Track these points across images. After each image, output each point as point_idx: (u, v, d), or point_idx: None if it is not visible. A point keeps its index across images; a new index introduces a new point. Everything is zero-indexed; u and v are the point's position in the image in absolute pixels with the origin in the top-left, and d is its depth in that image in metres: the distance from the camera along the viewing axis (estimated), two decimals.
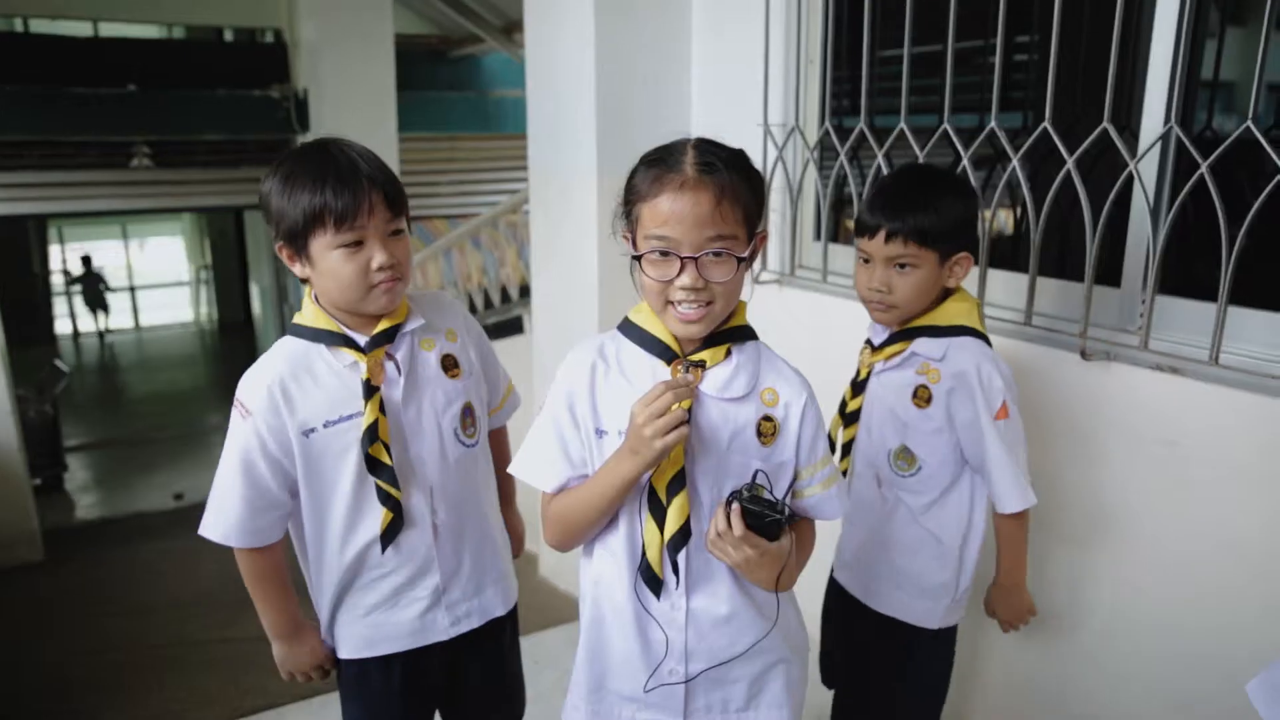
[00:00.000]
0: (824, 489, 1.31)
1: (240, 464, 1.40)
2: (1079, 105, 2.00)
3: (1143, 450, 1.78)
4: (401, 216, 1.38)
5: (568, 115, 2.87)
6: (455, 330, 1.53)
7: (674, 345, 1.24)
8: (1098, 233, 1.82)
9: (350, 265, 1.33)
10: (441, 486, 1.47)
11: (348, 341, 1.40)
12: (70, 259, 15.63)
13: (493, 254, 5.65)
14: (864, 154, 2.44)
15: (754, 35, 2.55)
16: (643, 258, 1.19)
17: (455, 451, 1.48)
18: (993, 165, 2.30)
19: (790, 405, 1.27)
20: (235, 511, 1.41)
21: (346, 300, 1.37)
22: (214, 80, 8.61)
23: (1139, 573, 1.82)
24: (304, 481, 1.42)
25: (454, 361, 1.50)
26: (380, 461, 1.39)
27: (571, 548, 1.34)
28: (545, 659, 2.69)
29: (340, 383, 1.40)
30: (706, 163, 1.17)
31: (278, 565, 1.49)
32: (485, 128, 9.98)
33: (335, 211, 1.30)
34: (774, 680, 1.33)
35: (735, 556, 1.18)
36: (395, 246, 1.37)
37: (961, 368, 1.58)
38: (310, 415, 1.39)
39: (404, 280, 1.39)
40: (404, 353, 1.44)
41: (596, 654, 1.34)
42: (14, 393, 4.45)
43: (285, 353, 1.42)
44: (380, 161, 1.38)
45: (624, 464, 1.19)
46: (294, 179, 1.32)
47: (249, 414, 1.38)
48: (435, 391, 1.46)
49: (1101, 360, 1.82)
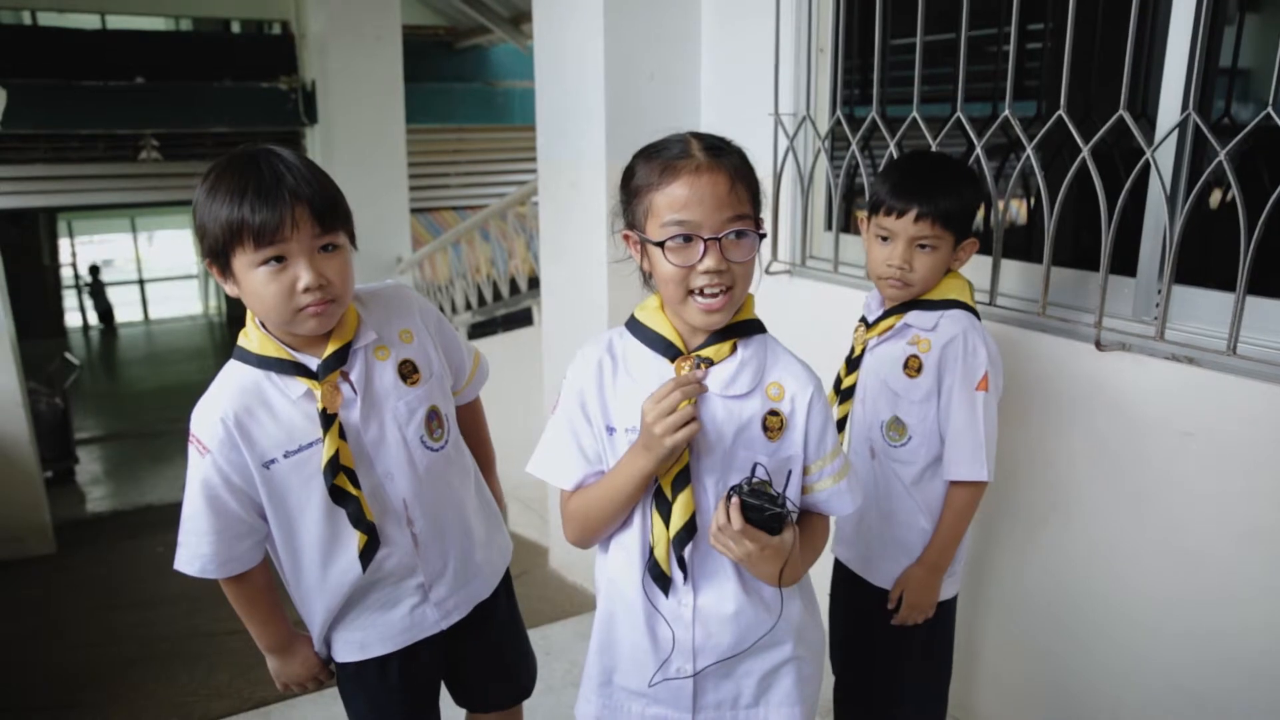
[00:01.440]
0: (834, 483, 1.31)
1: (204, 499, 1.35)
2: (1094, 93, 1.98)
3: (1158, 441, 1.76)
4: (336, 231, 1.28)
5: (577, 106, 2.85)
6: (411, 329, 1.45)
7: (678, 342, 1.24)
8: (1113, 222, 1.80)
9: (274, 285, 1.24)
10: (415, 496, 1.43)
11: (298, 369, 1.33)
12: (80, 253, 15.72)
13: (501, 245, 5.65)
14: (875, 143, 2.42)
15: (764, 24, 2.53)
16: (664, 246, 1.18)
17: (424, 459, 1.43)
18: (1006, 154, 2.27)
19: (796, 399, 1.26)
20: (208, 544, 1.36)
21: (276, 322, 1.30)
22: (221, 72, 8.63)
23: (1154, 565, 1.80)
24: (270, 510, 1.37)
25: (412, 367, 1.42)
26: (345, 492, 1.35)
27: (590, 544, 1.34)
28: (556, 651, 2.69)
29: (297, 411, 1.34)
30: (714, 147, 1.19)
31: (263, 586, 1.47)
32: (493, 119, 9.98)
33: (253, 226, 1.20)
34: (785, 677, 1.32)
35: (736, 551, 1.18)
36: (326, 264, 1.26)
37: (949, 336, 1.64)
38: (269, 447, 1.33)
39: (339, 302, 1.30)
40: (358, 370, 1.36)
41: (607, 648, 1.35)
42: (25, 386, 4.47)
43: (235, 384, 1.34)
44: (314, 172, 1.28)
45: (637, 461, 1.20)
46: (215, 191, 1.23)
47: (206, 451, 1.32)
48: (395, 404, 1.39)
49: (1116, 350, 1.81)
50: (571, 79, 2.87)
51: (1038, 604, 2.04)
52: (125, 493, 7.64)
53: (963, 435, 1.64)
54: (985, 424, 1.64)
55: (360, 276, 1.40)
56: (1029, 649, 2.08)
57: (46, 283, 13.85)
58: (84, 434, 9.00)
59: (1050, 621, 2.02)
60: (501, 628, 1.66)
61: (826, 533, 1.37)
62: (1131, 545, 1.84)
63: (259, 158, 1.25)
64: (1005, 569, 2.11)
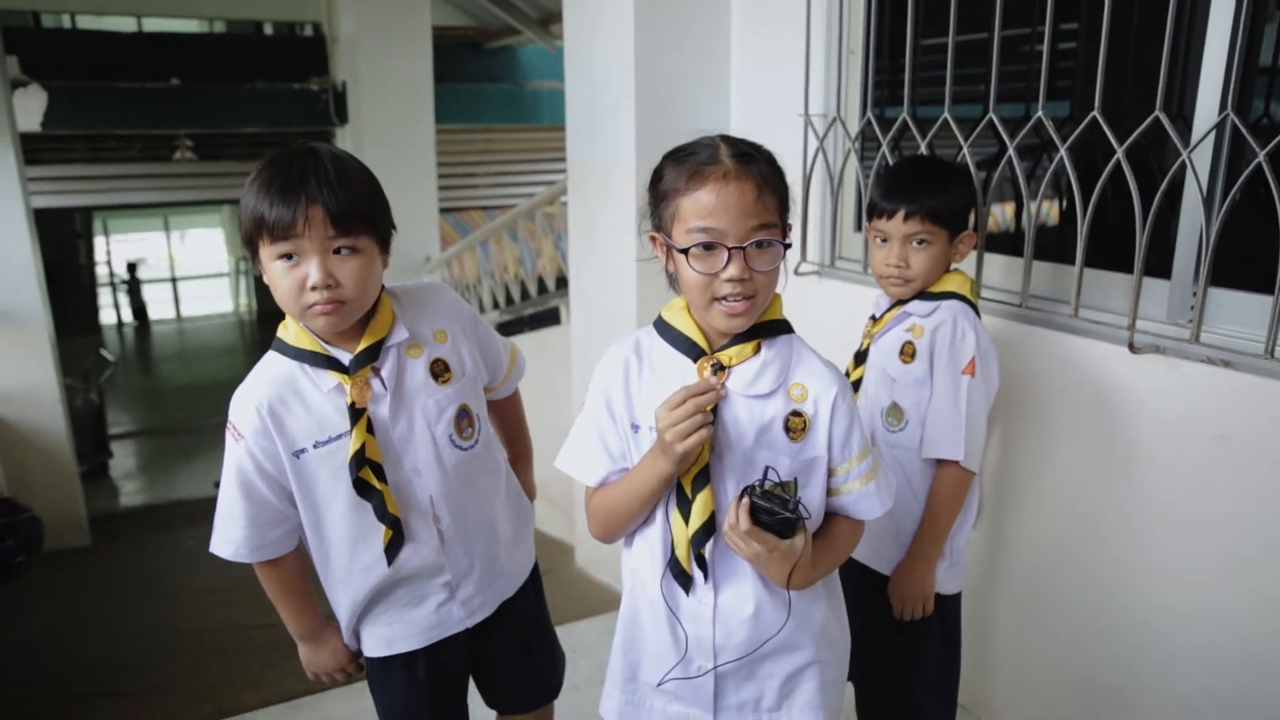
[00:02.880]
0: (862, 485, 1.29)
1: (239, 484, 1.39)
2: (1128, 93, 1.96)
3: (1192, 445, 1.74)
4: (355, 235, 1.28)
5: (607, 106, 2.86)
6: (445, 329, 1.46)
7: (702, 343, 1.25)
8: (1148, 224, 1.78)
9: (286, 280, 1.27)
10: (443, 494, 1.44)
11: (331, 362, 1.35)
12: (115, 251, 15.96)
13: (529, 245, 5.68)
14: (906, 144, 2.41)
15: (795, 25, 2.53)
16: (688, 252, 1.18)
17: (453, 457, 1.44)
18: (1039, 155, 2.26)
19: (820, 400, 1.25)
20: (241, 529, 1.40)
21: (291, 314, 1.33)
22: (254, 73, 8.74)
23: (1187, 570, 1.78)
24: (300, 499, 1.40)
25: (444, 366, 1.44)
26: (369, 485, 1.36)
27: (613, 540, 1.35)
28: (581, 649, 2.70)
29: (328, 404, 1.36)
30: (743, 154, 1.18)
31: (295, 574, 1.49)
32: (521, 119, 10.02)
33: (269, 221, 1.24)
34: (807, 681, 1.32)
35: (746, 550, 1.19)
36: (339, 266, 1.27)
37: (941, 321, 1.71)
38: (299, 437, 1.36)
39: (349, 305, 1.30)
40: (390, 367, 1.38)
41: (631, 645, 1.35)
42: (63, 382, 4.55)
43: (271, 375, 1.37)
44: (346, 175, 1.28)
45: (656, 462, 1.21)
46: (254, 182, 1.28)
47: (241, 437, 1.36)
48: (425, 402, 1.41)
49: (1150, 353, 1.79)
50: (602, 80, 2.88)
51: (1066, 606, 2.03)
52: (157, 487, 7.75)
53: (943, 414, 1.68)
54: (968, 407, 1.67)
55: (389, 275, 1.42)
56: (1055, 651, 2.07)
57: (82, 280, 14.09)
58: (118, 429, 9.14)
59: (1079, 624, 2.00)
60: (528, 626, 1.67)
61: (854, 537, 1.35)
62: (1164, 550, 1.82)
63: (295, 156, 1.28)
64: (1033, 571, 2.09)
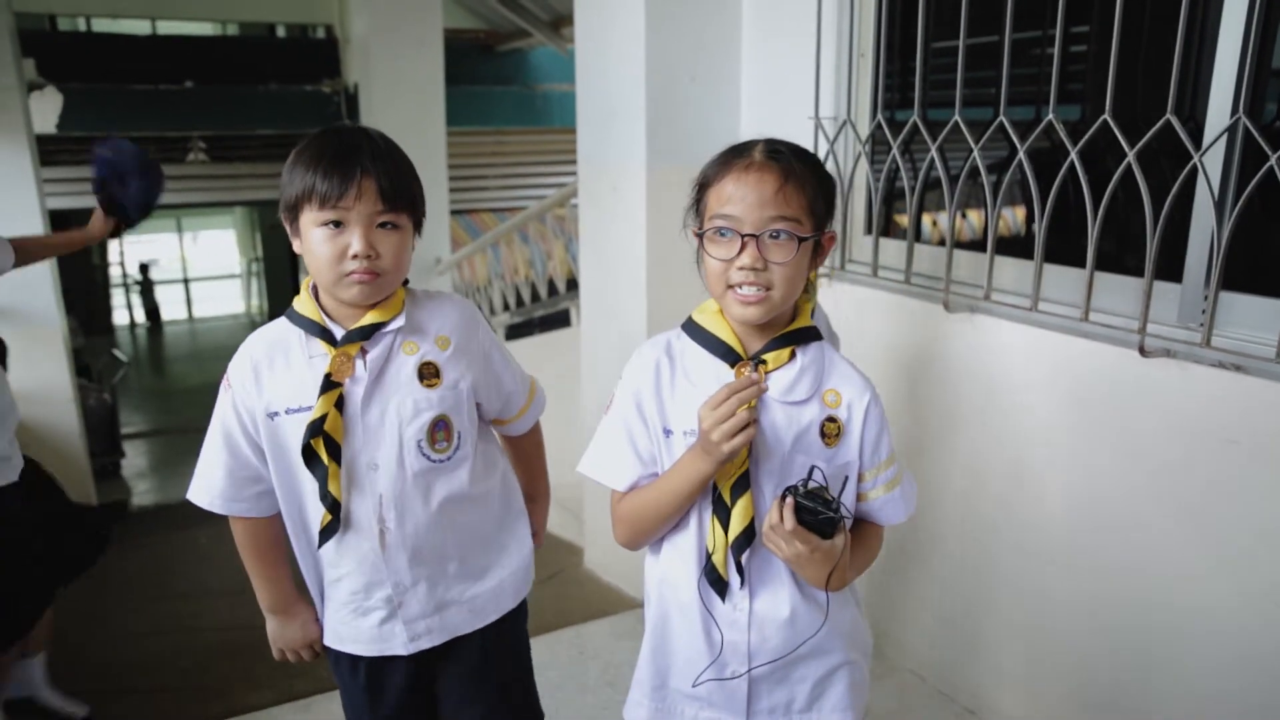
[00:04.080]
0: (887, 491, 1.31)
1: (222, 434, 1.41)
2: (1140, 96, 1.96)
3: (1203, 449, 1.74)
4: (399, 212, 1.32)
5: (618, 109, 2.87)
6: (448, 336, 1.43)
7: (738, 347, 1.25)
8: (1159, 227, 1.78)
9: (327, 246, 1.29)
10: (394, 496, 1.39)
11: (324, 333, 1.36)
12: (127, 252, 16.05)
13: (540, 247, 5.69)
14: (916, 147, 2.41)
15: (806, 28, 2.53)
16: (705, 238, 1.21)
17: (416, 464, 1.39)
18: (1049, 158, 2.25)
19: (853, 406, 1.27)
20: (219, 479, 1.42)
21: (323, 282, 1.34)
22: (267, 76, 8.78)
23: (1199, 574, 1.78)
24: (272, 464, 1.40)
25: (434, 370, 1.41)
26: (316, 455, 1.34)
27: (640, 546, 1.35)
28: (591, 651, 2.71)
29: (309, 371, 1.36)
30: (774, 150, 1.21)
31: (269, 540, 1.49)
32: (532, 122, 10.05)
33: (321, 189, 1.27)
34: (838, 682, 1.32)
35: (787, 551, 1.18)
36: (381, 240, 1.31)
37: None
38: (275, 398, 1.37)
39: (384, 277, 1.33)
40: (378, 352, 1.37)
41: (660, 652, 1.34)
42: (76, 381, 4.59)
43: (271, 334, 1.41)
44: (394, 156, 1.34)
45: (696, 464, 1.20)
46: (302, 153, 1.32)
47: (229, 387, 1.39)
48: (404, 399, 1.38)
49: (1161, 357, 1.78)
50: (613, 82, 2.88)
51: (1079, 611, 2.02)
52: (169, 487, 7.78)
53: None
54: None
55: None
56: (1066, 656, 2.06)
57: (96, 281, 14.18)
58: (129, 429, 9.19)
59: (1092, 629, 2.00)
60: (486, 672, 1.56)
61: (880, 542, 1.37)
62: (1176, 554, 1.81)
63: (346, 130, 1.34)
64: (1044, 576, 2.09)
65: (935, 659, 2.43)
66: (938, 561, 2.37)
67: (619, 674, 2.59)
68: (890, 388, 2.38)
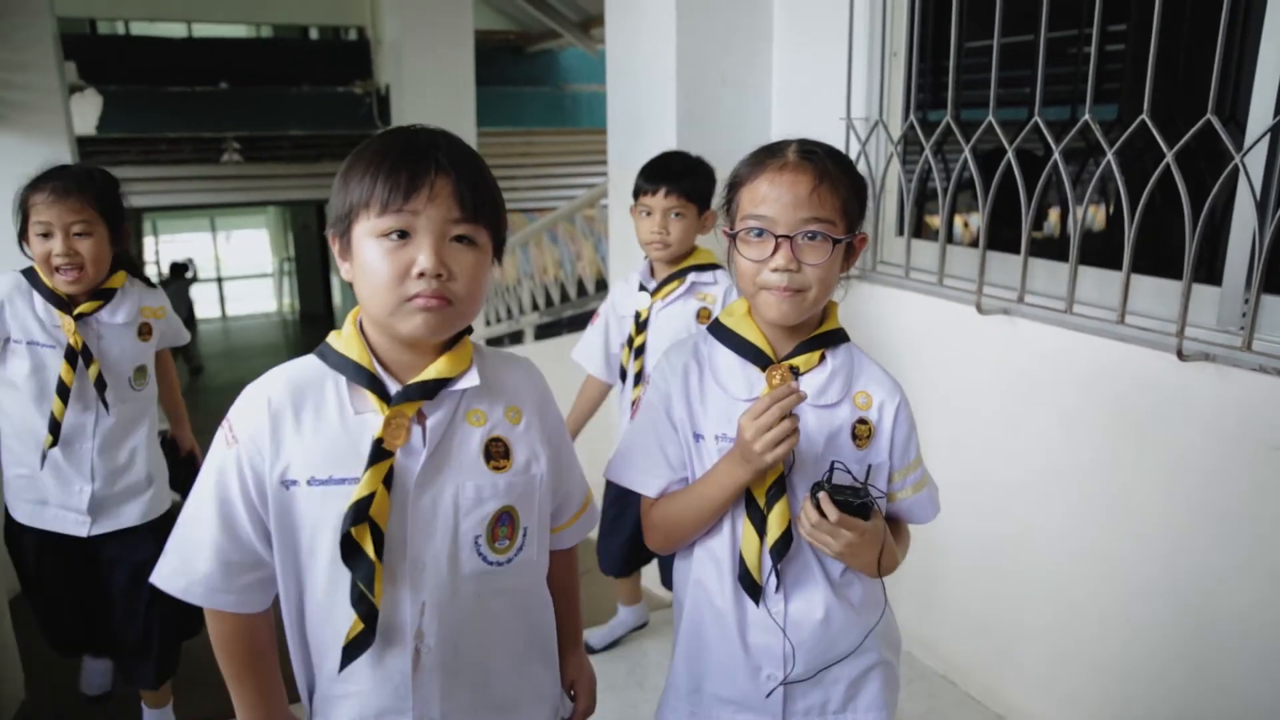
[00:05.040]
0: (915, 493, 1.32)
1: (216, 502, 1.06)
2: (1179, 96, 1.93)
3: (1242, 455, 1.71)
4: (477, 224, 1.04)
5: (648, 109, 2.87)
6: (522, 410, 1.15)
7: (768, 349, 1.24)
8: (1198, 229, 1.75)
9: (386, 263, 1.00)
10: (438, 604, 1.09)
11: (374, 383, 1.06)
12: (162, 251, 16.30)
13: (569, 248, 5.70)
14: (949, 148, 2.39)
15: (837, 28, 2.52)
16: (738, 238, 1.21)
17: (471, 565, 1.10)
18: (1085, 159, 2.23)
19: (884, 407, 1.27)
20: (204, 562, 1.07)
21: (376, 310, 1.03)
22: (300, 77, 8.90)
23: (1239, 584, 1.75)
24: (278, 544, 1.08)
25: (504, 449, 1.12)
26: (360, 549, 1.03)
27: (674, 550, 1.34)
28: (619, 651, 2.71)
29: (346, 432, 1.05)
30: (808, 150, 1.20)
31: (264, 641, 1.14)
32: (561, 122, 10.09)
33: (384, 189, 0.99)
34: (873, 681, 1.32)
35: (836, 545, 1.17)
36: (456, 256, 1.02)
37: (726, 287, 2.22)
38: (296, 462, 1.05)
39: (455, 307, 1.03)
40: (439, 418, 1.08)
41: (695, 656, 1.33)
42: None
43: (297, 373, 1.09)
44: (478, 159, 1.07)
45: (734, 471, 1.19)
46: (360, 154, 1.04)
47: (235, 441, 1.06)
48: (464, 482, 1.09)
49: (1199, 361, 1.76)
50: (643, 83, 2.89)
51: (1113, 618, 1.99)
52: None
53: None
54: None
55: None
56: (1101, 664, 2.03)
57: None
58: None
59: (1126, 636, 1.97)
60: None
61: (908, 540, 1.37)
62: (1214, 562, 1.78)
63: (415, 128, 1.07)
64: (1079, 582, 2.06)
65: (966, 664, 2.41)
66: (969, 565, 2.35)
67: (647, 675, 2.59)
68: (923, 390, 2.36)
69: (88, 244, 1.90)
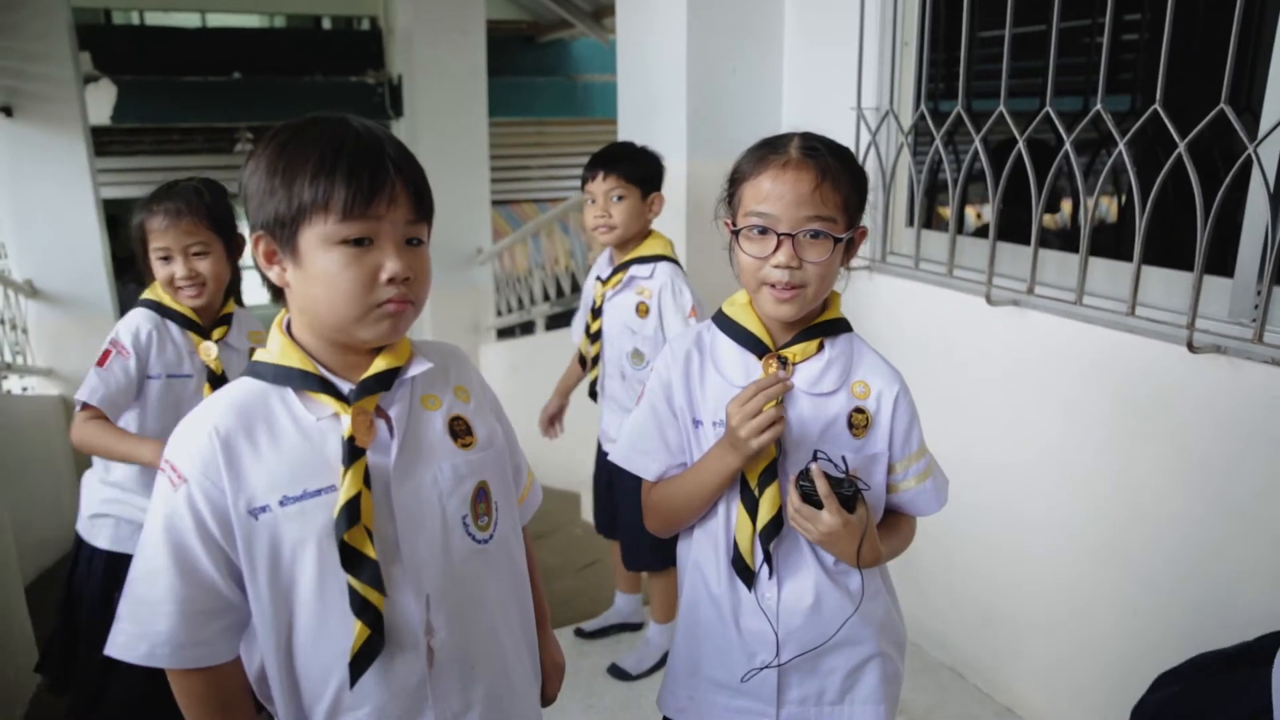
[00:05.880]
0: (919, 483, 1.31)
1: (170, 551, 0.98)
2: (1192, 85, 1.91)
3: (1254, 448, 1.70)
4: (424, 224, 1.03)
5: (659, 99, 2.87)
6: (468, 389, 1.14)
7: (766, 339, 1.26)
8: (1210, 220, 1.73)
9: (351, 271, 0.97)
10: (442, 594, 1.06)
11: (326, 387, 1.01)
12: None
13: (580, 238, 5.71)
14: (960, 138, 2.38)
15: (848, 18, 2.51)
16: (740, 234, 1.21)
17: (463, 547, 1.08)
18: (1097, 149, 2.21)
19: (882, 397, 1.27)
20: (164, 617, 0.98)
21: (336, 319, 0.99)
22: (312, 67, 8.91)
23: (1252, 578, 1.74)
24: (251, 579, 1.01)
25: (466, 427, 1.11)
26: (361, 554, 0.99)
27: (673, 533, 1.36)
28: (628, 640, 2.72)
29: (309, 443, 1.01)
30: (810, 147, 1.20)
31: (237, 688, 1.07)
32: (573, 112, 10.08)
33: (344, 195, 0.95)
34: (870, 674, 1.32)
35: (815, 532, 1.19)
36: (413, 258, 1.00)
37: (662, 283, 2.26)
38: (261, 488, 0.99)
39: (416, 306, 1.03)
40: (400, 408, 1.05)
41: (692, 640, 1.35)
42: None
43: (236, 397, 1.02)
44: (408, 151, 1.04)
45: (724, 458, 1.21)
46: (292, 148, 0.97)
47: (181, 480, 0.99)
48: (440, 464, 1.06)
49: (1210, 353, 1.74)
50: (654, 73, 2.88)
51: (1122, 611, 1.99)
52: None
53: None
54: None
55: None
56: (1109, 657, 2.03)
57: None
58: None
59: (1135, 629, 1.97)
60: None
61: (912, 530, 1.37)
62: (1225, 556, 1.77)
63: (349, 120, 1.00)
64: (1087, 574, 2.06)
65: (974, 656, 2.41)
66: (977, 558, 2.34)
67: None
68: (931, 381, 2.36)
69: (206, 263, 1.91)
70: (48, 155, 4.38)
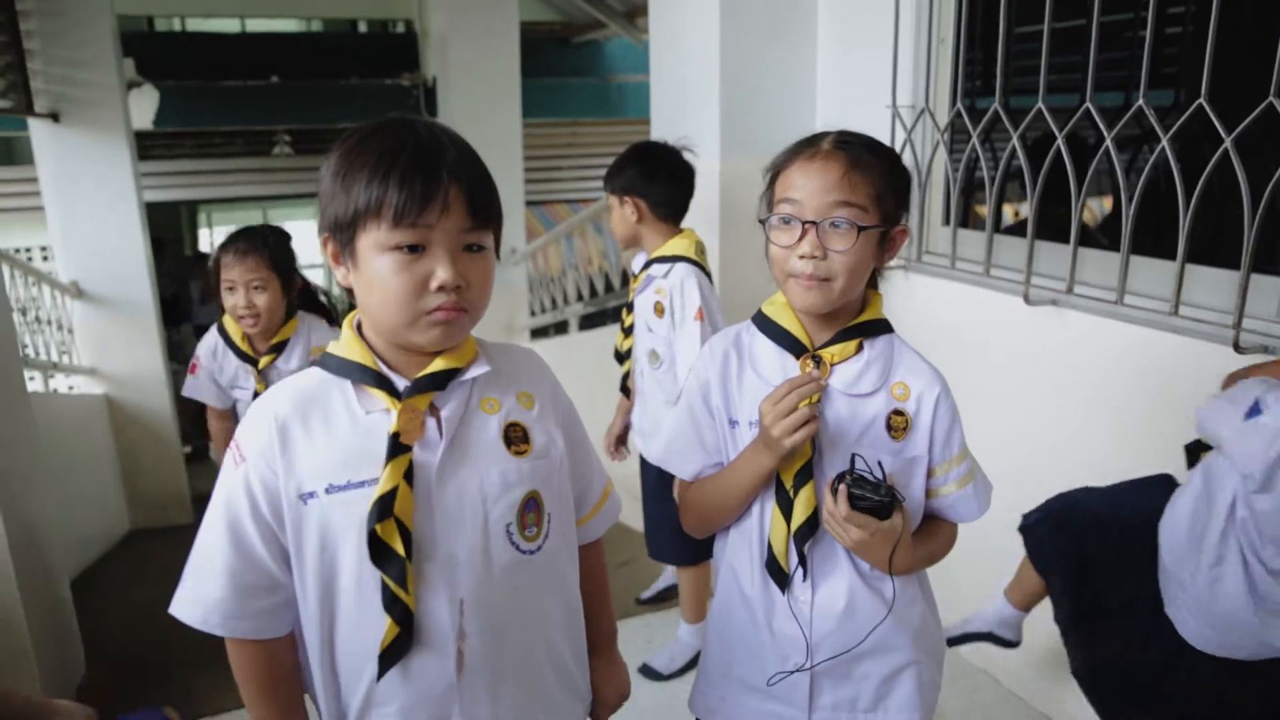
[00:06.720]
0: (959, 488, 1.29)
1: (226, 526, 1.03)
2: (1239, 79, 1.87)
3: None
4: (486, 231, 1.03)
5: (691, 99, 2.86)
6: (533, 395, 1.13)
7: (804, 338, 1.24)
8: (1257, 217, 1.70)
9: (401, 278, 0.98)
10: (477, 600, 1.05)
11: (382, 382, 1.03)
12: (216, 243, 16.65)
13: (613, 239, 5.71)
14: (997, 136, 2.35)
15: (883, 14, 2.49)
16: (769, 225, 1.21)
17: (504, 556, 1.06)
18: (1139, 146, 2.17)
19: (922, 399, 1.25)
20: (218, 588, 1.03)
21: (389, 323, 1.02)
22: (349, 70, 9.01)
23: None
24: (297, 563, 1.04)
25: (523, 434, 1.09)
26: (389, 547, 1.00)
27: (708, 534, 1.35)
28: (660, 640, 2.72)
29: (359, 435, 1.03)
30: (844, 140, 1.19)
31: (287, 667, 1.10)
32: (607, 113, 10.09)
33: (396, 202, 0.95)
34: (905, 682, 1.30)
35: (847, 539, 1.19)
36: (468, 266, 1.00)
37: (673, 284, 2.25)
38: (311, 473, 1.02)
39: (471, 314, 1.03)
40: (453, 408, 1.06)
41: (724, 640, 1.34)
42: (169, 367, 4.78)
43: (301, 386, 1.06)
44: (476, 157, 1.03)
45: (759, 458, 1.21)
46: (357, 153, 0.99)
47: (242, 459, 1.03)
48: (488, 468, 1.06)
49: (1257, 353, 1.70)
50: (687, 73, 2.87)
51: None
52: None
53: (681, 352, 2.22)
54: (700, 343, 2.14)
55: None
56: None
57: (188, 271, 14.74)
58: None
59: None
60: None
61: (951, 537, 1.34)
62: None
63: (416, 124, 1.01)
64: None
65: (1010, 661, 2.38)
66: (1014, 560, 2.31)
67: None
68: (968, 382, 2.32)
69: (264, 297, 2.23)
70: (93, 159, 4.46)
